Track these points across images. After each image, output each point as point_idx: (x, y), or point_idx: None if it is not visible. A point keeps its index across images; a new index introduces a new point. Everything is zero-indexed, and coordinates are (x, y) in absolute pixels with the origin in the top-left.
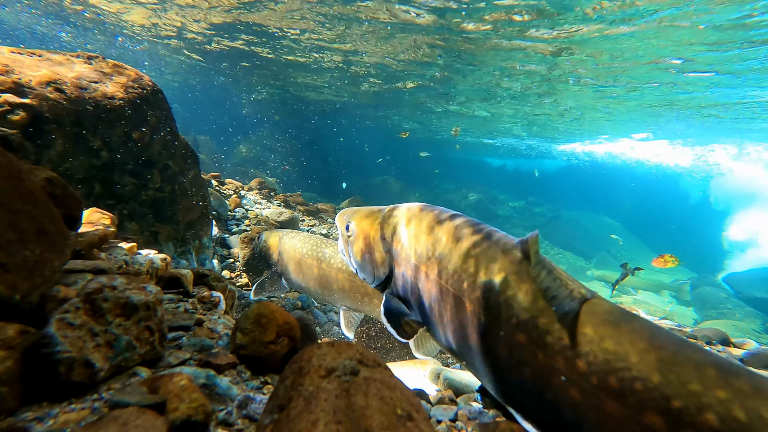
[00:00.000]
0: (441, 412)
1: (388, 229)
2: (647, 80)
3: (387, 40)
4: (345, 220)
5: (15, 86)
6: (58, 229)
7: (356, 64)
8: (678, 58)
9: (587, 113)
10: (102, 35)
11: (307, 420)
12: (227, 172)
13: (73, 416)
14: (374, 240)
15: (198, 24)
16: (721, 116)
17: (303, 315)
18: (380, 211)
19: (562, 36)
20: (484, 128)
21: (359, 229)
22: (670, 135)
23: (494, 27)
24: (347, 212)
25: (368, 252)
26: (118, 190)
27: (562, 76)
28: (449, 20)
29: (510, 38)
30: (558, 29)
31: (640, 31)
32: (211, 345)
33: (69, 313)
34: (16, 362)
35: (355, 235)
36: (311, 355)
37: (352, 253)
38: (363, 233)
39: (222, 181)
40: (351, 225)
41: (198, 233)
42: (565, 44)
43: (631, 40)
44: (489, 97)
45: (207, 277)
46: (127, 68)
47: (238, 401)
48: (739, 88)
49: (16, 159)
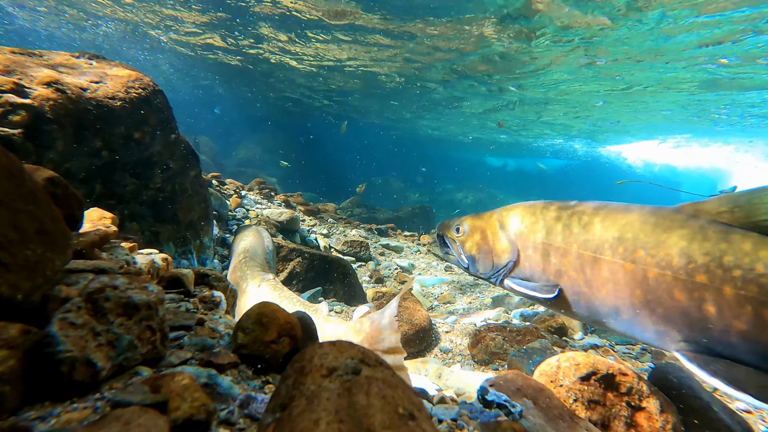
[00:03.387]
0: (442, 412)
1: (512, 222)
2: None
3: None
4: (452, 225)
5: (16, 86)
6: (60, 228)
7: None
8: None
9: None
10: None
11: (309, 419)
12: (228, 172)
13: (76, 415)
14: (494, 232)
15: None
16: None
17: (304, 315)
18: (488, 213)
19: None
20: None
21: (473, 227)
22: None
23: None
24: (450, 220)
25: (487, 244)
26: (119, 190)
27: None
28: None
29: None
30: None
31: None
32: (213, 344)
33: (71, 313)
34: (18, 362)
35: (468, 233)
36: (313, 354)
37: (464, 250)
38: (479, 230)
39: (222, 181)
40: (463, 226)
41: (199, 233)
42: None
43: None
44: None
45: (208, 276)
46: (128, 68)
47: (240, 400)
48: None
49: (18, 159)
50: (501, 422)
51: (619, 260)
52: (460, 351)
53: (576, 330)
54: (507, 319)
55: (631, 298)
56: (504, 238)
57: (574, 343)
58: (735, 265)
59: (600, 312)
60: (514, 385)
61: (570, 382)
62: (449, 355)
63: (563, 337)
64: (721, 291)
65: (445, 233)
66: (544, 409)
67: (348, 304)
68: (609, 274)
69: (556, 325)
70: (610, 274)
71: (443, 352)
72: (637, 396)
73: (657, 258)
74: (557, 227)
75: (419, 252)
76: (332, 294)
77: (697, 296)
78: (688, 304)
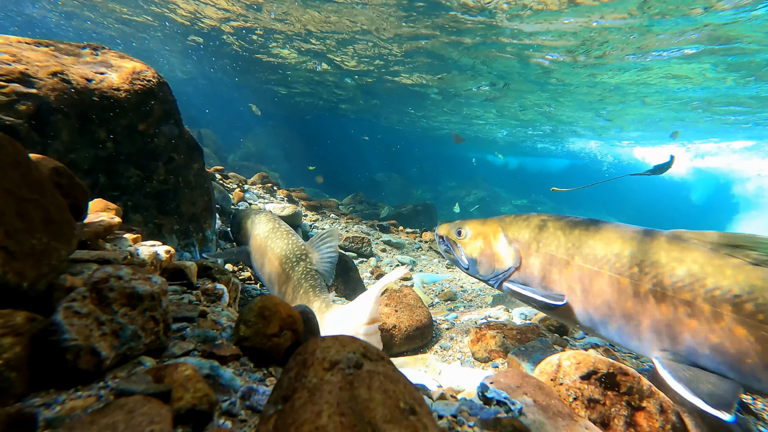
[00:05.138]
0: (443, 407)
1: (516, 231)
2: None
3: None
4: (454, 228)
5: (22, 76)
6: (65, 218)
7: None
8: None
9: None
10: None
11: (311, 411)
12: (231, 165)
13: (80, 403)
14: (496, 239)
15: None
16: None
17: (306, 309)
18: (491, 220)
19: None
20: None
21: (476, 232)
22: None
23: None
24: (451, 223)
25: (489, 249)
26: (123, 182)
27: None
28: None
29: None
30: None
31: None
32: (215, 336)
33: (76, 302)
34: (24, 349)
35: (471, 237)
36: (315, 347)
37: (465, 252)
38: (482, 235)
39: (225, 175)
40: (465, 230)
41: (201, 226)
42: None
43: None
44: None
45: (211, 269)
46: (133, 60)
47: (242, 392)
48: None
49: (24, 148)
50: (501, 419)
51: (616, 275)
52: (460, 348)
53: (577, 329)
54: (508, 317)
55: (623, 309)
56: (506, 245)
57: (575, 341)
58: (715, 287)
59: (594, 320)
60: (514, 383)
61: (570, 380)
62: (449, 352)
63: (564, 335)
64: (702, 308)
65: (446, 234)
66: (544, 407)
67: (349, 299)
68: (606, 287)
69: (557, 323)
70: (607, 287)
71: (444, 349)
72: (638, 395)
73: (650, 275)
74: (560, 240)
75: (421, 249)
76: (333, 289)
77: (681, 311)
78: (672, 317)
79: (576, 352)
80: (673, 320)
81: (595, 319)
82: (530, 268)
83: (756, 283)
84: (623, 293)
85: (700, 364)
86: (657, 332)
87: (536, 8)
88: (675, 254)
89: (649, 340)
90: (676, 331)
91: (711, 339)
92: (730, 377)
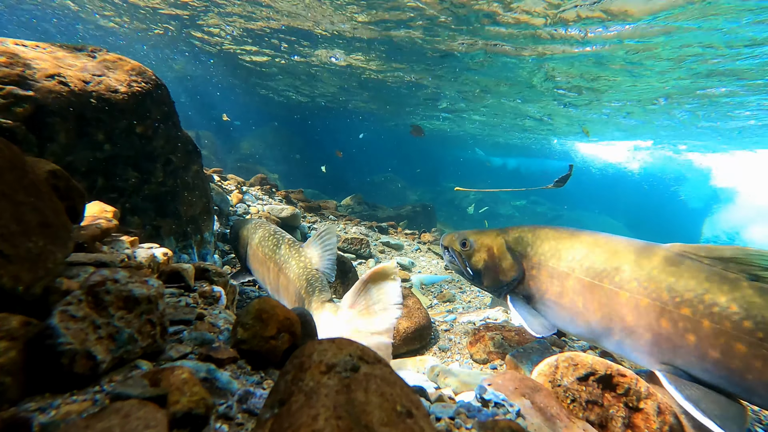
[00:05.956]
0: (440, 410)
1: (519, 244)
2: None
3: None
4: (458, 238)
5: (19, 78)
6: (62, 221)
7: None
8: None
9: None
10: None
11: (307, 415)
12: (229, 167)
13: (75, 407)
14: (500, 251)
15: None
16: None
17: (303, 311)
18: (495, 231)
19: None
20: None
21: (480, 243)
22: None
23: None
24: (456, 234)
25: (493, 261)
26: (121, 184)
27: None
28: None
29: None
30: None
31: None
32: (212, 339)
33: (72, 305)
34: (19, 353)
35: (475, 248)
36: (312, 350)
37: (469, 263)
38: (485, 247)
39: (224, 177)
40: (469, 241)
41: (200, 228)
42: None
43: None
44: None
45: (208, 271)
46: (131, 62)
47: (239, 395)
48: None
49: (20, 151)
50: (498, 421)
51: (616, 288)
52: (458, 350)
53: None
54: (506, 319)
55: (623, 322)
56: (510, 258)
57: (573, 343)
58: (714, 303)
59: (595, 331)
60: (512, 385)
61: (568, 382)
62: (448, 353)
63: (562, 337)
64: (701, 323)
65: (451, 246)
66: (542, 408)
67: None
68: (606, 300)
69: None
70: (607, 300)
71: (442, 351)
72: (635, 397)
73: (649, 290)
74: (562, 253)
75: (419, 250)
76: (332, 291)
77: (680, 326)
78: (672, 332)
79: (574, 353)
80: (673, 334)
81: (597, 331)
82: (533, 281)
83: (755, 301)
84: (624, 307)
85: (702, 378)
86: (658, 346)
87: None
88: (673, 269)
89: (649, 353)
90: (676, 345)
91: (711, 354)
92: (730, 392)
